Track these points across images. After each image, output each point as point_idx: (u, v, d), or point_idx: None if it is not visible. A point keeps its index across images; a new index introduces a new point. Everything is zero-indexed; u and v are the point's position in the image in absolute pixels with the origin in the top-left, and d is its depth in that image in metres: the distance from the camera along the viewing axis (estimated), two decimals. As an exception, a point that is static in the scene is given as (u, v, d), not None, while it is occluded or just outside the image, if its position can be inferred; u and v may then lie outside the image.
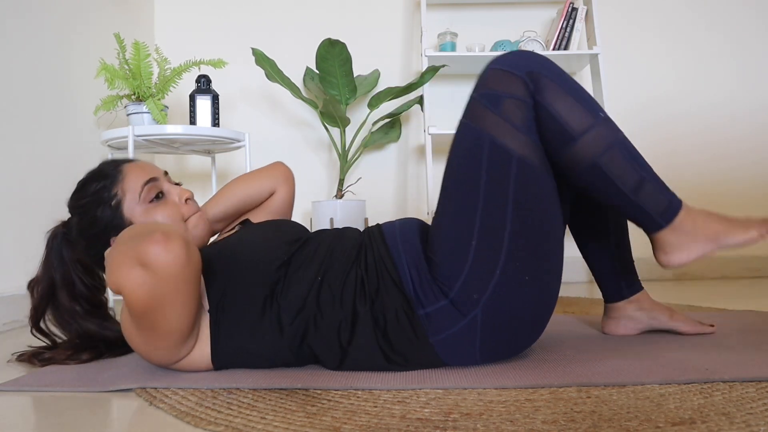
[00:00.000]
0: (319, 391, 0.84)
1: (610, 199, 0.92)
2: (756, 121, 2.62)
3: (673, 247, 0.93)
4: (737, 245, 0.91)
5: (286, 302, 0.93)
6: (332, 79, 2.32)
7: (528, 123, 0.89)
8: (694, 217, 0.92)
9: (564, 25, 2.37)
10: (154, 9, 2.64)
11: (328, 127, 2.38)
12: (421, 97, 2.39)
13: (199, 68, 2.05)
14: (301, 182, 2.51)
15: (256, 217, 1.25)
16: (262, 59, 2.19)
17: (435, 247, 0.93)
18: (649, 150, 2.58)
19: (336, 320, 0.93)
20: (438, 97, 2.57)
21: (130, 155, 1.80)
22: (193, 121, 2.01)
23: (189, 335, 0.90)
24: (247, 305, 0.93)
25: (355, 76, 2.38)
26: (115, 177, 1.01)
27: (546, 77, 0.89)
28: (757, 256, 2.59)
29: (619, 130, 0.91)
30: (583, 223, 1.17)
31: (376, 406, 0.77)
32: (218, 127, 2.03)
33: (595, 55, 2.33)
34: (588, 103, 0.90)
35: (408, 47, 2.67)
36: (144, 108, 1.91)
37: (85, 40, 2.06)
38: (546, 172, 0.92)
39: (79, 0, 2.04)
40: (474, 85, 0.93)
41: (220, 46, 2.58)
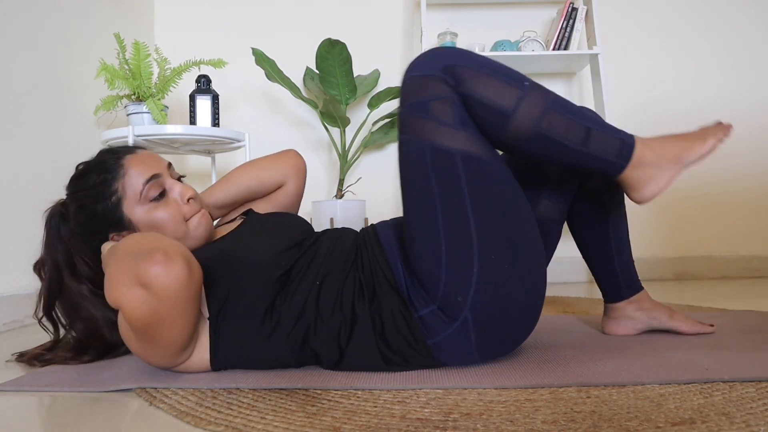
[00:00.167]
0: (319, 391, 0.84)
1: (565, 159, 0.92)
2: (756, 121, 2.61)
3: (642, 182, 0.92)
4: (701, 158, 0.92)
5: (287, 309, 0.93)
6: (332, 79, 2.32)
7: (460, 117, 0.88)
8: (651, 146, 0.92)
9: (564, 25, 2.37)
10: (154, 9, 2.64)
11: (328, 127, 2.38)
12: (421, 97, 2.38)
13: (199, 68, 2.04)
14: (301, 182, 2.50)
15: (261, 207, 1.22)
16: (262, 59, 2.19)
17: (411, 260, 0.93)
18: (649, 150, 2.60)
19: (335, 323, 0.93)
20: (438, 97, 2.57)
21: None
22: (193, 121, 2.01)
23: (188, 345, 0.90)
24: (248, 314, 0.92)
25: (355, 76, 2.38)
26: (117, 172, 0.97)
27: (462, 66, 0.88)
28: (757, 256, 2.59)
29: (550, 92, 0.90)
30: (583, 224, 1.17)
31: (376, 406, 0.77)
32: (218, 127, 2.03)
33: (595, 55, 2.33)
34: (510, 77, 0.89)
35: (408, 47, 2.67)
36: (144, 108, 1.91)
37: (85, 40, 2.06)
38: (493, 158, 0.91)
39: (80, 0, 2.04)
40: (399, 101, 0.92)
41: (220, 46, 2.58)
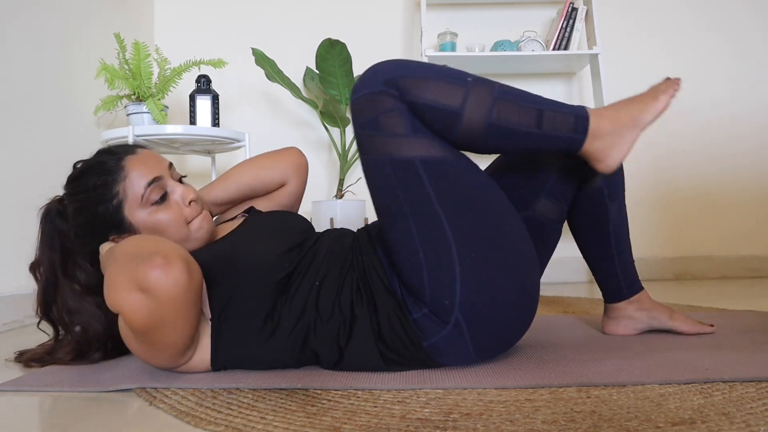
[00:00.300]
0: (319, 391, 0.84)
1: (524, 145, 0.92)
2: (756, 121, 2.62)
3: (604, 152, 0.93)
4: (656, 116, 0.93)
5: (287, 310, 0.93)
6: (332, 79, 2.32)
7: (412, 125, 0.89)
8: (605, 115, 0.93)
9: (564, 25, 2.37)
10: (154, 9, 2.64)
11: (328, 127, 2.38)
12: (421, 97, 2.38)
13: (199, 68, 2.04)
14: (301, 182, 2.50)
15: (262, 205, 1.22)
16: (262, 59, 2.19)
17: (395, 268, 0.94)
18: (650, 150, 2.60)
19: (335, 323, 0.93)
20: (438, 97, 2.57)
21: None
22: (193, 121, 2.01)
23: (189, 347, 0.90)
24: (250, 315, 0.92)
25: (355, 76, 2.38)
26: (117, 174, 0.95)
27: (401, 77, 0.88)
28: (757, 256, 2.59)
29: (494, 82, 0.91)
30: (583, 224, 1.17)
31: (376, 406, 0.77)
32: (218, 127, 2.03)
33: (595, 55, 2.33)
34: (452, 76, 0.90)
35: (408, 47, 2.67)
36: (144, 108, 1.91)
37: (85, 40, 2.06)
38: (454, 157, 0.92)
39: (80, 0, 2.04)
40: (352, 125, 0.92)
41: (220, 46, 2.58)
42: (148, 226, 0.96)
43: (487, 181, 0.95)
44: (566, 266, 2.50)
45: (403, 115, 0.88)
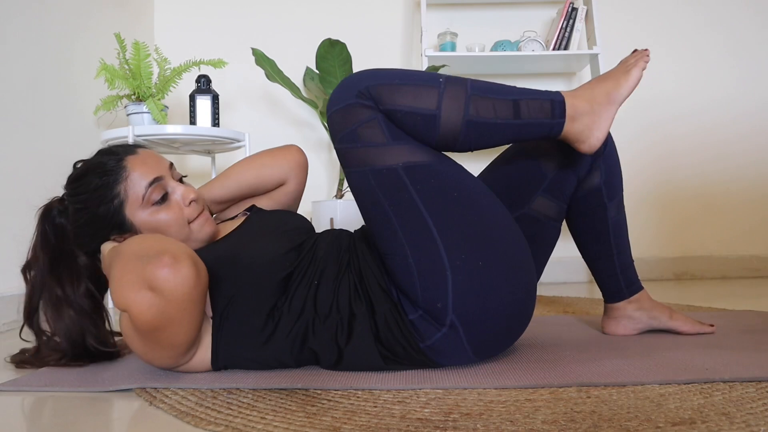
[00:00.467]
0: (319, 391, 0.84)
1: (505, 138, 0.93)
2: (756, 121, 2.62)
3: (585, 133, 0.94)
4: (630, 91, 0.95)
5: (287, 310, 0.93)
6: (332, 79, 2.31)
7: (391, 133, 0.89)
8: (580, 96, 0.94)
9: (564, 25, 2.37)
10: (154, 9, 2.64)
11: (328, 127, 2.38)
12: (421, 97, 2.38)
13: (199, 68, 2.05)
14: (301, 182, 2.51)
15: (262, 203, 1.22)
16: (262, 59, 2.19)
17: (389, 273, 0.94)
18: (650, 150, 2.60)
19: (333, 323, 0.93)
20: (438, 97, 2.57)
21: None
22: (193, 121, 2.01)
23: (193, 346, 0.90)
24: (251, 315, 0.92)
25: (355, 76, 2.37)
26: (118, 175, 0.95)
27: (374, 86, 0.88)
28: (757, 256, 2.59)
29: (467, 79, 0.91)
30: (583, 224, 1.16)
31: (376, 406, 0.77)
32: (218, 127, 2.03)
33: (595, 55, 2.33)
34: (423, 79, 0.90)
35: (408, 47, 2.67)
36: (144, 108, 1.91)
37: (85, 40, 2.06)
38: (437, 161, 0.92)
39: (80, 0, 2.04)
40: (331, 140, 0.92)
41: (220, 46, 2.58)
42: (149, 227, 0.97)
43: (473, 182, 0.95)
44: (566, 266, 2.50)
45: (381, 123, 0.89)
